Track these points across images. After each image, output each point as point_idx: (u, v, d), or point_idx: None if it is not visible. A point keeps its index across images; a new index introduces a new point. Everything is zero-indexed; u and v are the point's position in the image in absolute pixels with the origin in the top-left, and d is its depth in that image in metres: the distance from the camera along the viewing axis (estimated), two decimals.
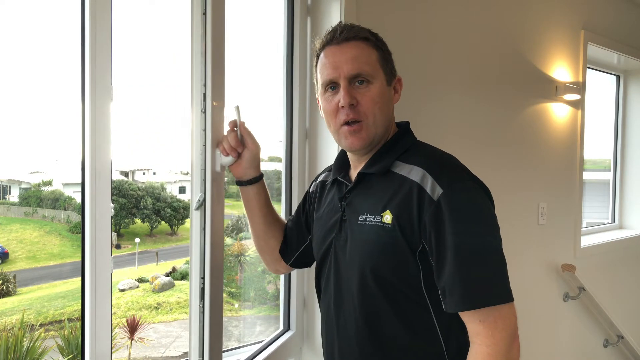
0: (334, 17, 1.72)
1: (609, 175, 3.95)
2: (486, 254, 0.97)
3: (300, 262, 1.37)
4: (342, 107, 1.05)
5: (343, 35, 1.06)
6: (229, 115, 1.26)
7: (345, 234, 1.10)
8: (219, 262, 1.23)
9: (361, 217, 1.06)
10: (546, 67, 2.78)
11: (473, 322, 0.97)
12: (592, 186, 4.35)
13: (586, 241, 3.23)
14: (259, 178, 1.28)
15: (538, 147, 2.77)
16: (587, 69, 3.12)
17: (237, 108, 1.24)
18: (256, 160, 1.26)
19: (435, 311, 1.03)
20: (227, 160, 1.21)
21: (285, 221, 1.42)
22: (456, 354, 1.03)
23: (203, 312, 1.21)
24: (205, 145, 1.19)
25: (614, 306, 3.26)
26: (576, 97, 2.92)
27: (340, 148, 1.23)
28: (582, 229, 3.15)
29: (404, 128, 1.14)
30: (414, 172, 1.02)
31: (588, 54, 3.10)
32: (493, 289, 0.96)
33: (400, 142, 1.10)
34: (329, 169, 1.28)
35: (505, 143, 2.53)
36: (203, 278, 1.21)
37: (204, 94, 1.18)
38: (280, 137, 1.77)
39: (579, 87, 2.96)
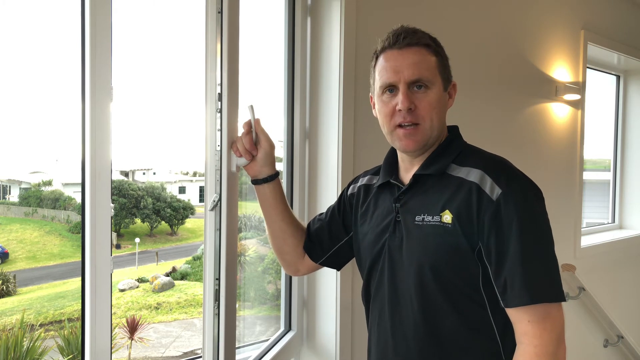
0: (334, 17, 1.72)
1: (609, 175, 3.96)
2: (543, 252, 1.02)
3: (332, 262, 1.37)
4: (400, 110, 1.08)
5: (406, 40, 1.08)
6: (242, 115, 1.26)
7: (401, 235, 1.12)
8: (233, 262, 1.23)
9: (418, 218, 1.09)
10: (546, 67, 2.78)
11: (522, 321, 1.00)
12: (592, 186, 4.35)
13: (586, 241, 3.23)
14: (274, 176, 1.28)
15: (538, 147, 2.77)
16: (587, 69, 3.12)
17: (252, 107, 1.24)
18: (270, 158, 1.26)
19: (492, 310, 1.05)
20: (243, 160, 1.21)
21: (299, 220, 1.41)
22: (512, 354, 1.04)
23: (218, 314, 1.21)
24: (220, 146, 1.19)
25: (614, 306, 3.26)
26: (576, 97, 2.92)
27: (387, 152, 1.24)
28: (582, 229, 3.16)
29: (454, 132, 1.18)
30: (472, 174, 1.05)
31: (588, 54, 3.10)
32: (550, 286, 1.01)
33: (453, 145, 1.14)
34: (372, 171, 1.29)
35: (505, 143, 2.53)
36: (218, 279, 1.20)
37: (219, 94, 1.18)
38: (280, 137, 1.77)
39: (579, 87, 2.96)
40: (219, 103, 1.18)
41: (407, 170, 1.17)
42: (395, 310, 1.14)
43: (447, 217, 1.05)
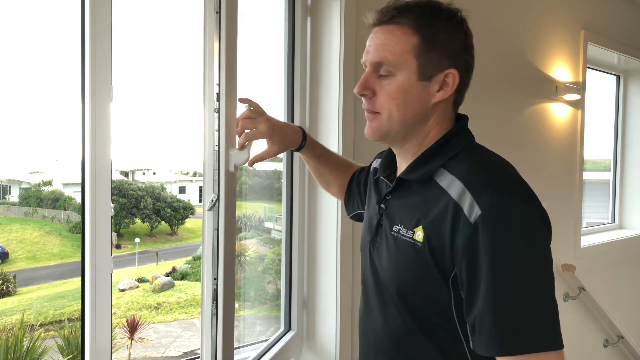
0: (334, 17, 1.72)
1: (609, 175, 3.96)
2: (525, 291, 0.82)
3: (359, 220, 1.30)
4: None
5: (384, 17, 0.94)
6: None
7: (381, 241, 1.01)
8: (231, 262, 1.23)
9: (395, 228, 0.96)
10: (546, 67, 2.78)
11: None
12: (592, 186, 4.35)
13: (586, 241, 3.23)
14: (302, 145, 1.28)
15: (538, 147, 2.77)
16: (587, 69, 3.12)
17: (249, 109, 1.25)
18: (279, 150, 1.22)
19: (468, 342, 0.89)
20: (241, 160, 1.21)
21: (350, 164, 1.39)
22: None
23: (216, 314, 1.21)
24: (218, 146, 1.19)
25: (614, 306, 3.26)
26: (576, 97, 2.92)
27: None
28: (582, 229, 3.16)
29: (457, 127, 0.99)
30: (453, 186, 0.88)
31: (588, 54, 3.10)
32: (530, 333, 0.81)
33: (449, 145, 0.96)
34: (381, 155, 1.16)
35: (505, 143, 2.53)
36: (216, 279, 1.21)
37: (218, 94, 1.18)
38: None
39: (579, 87, 2.96)
40: (217, 103, 1.19)
41: (401, 166, 1.03)
42: (368, 319, 1.06)
43: (419, 234, 0.90)
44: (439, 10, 0.94)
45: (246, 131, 1.19)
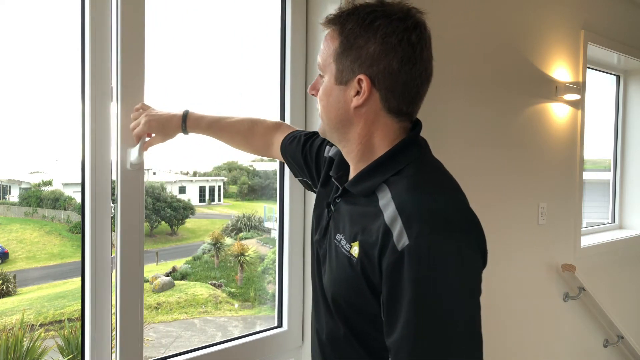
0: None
1: (609, 175, 3.96)
2: (444, 331, 0.79)
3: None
4: None
5: (327, 20, 0.96)
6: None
7: (326, 245, 0.99)
8: (130, 253, 1.29)
9: (338, 237, 0.95)
10: (546, 67, 2.78)
11: None
12: (592, 186, 4.35)
13: (586, 241, 3.23)
14: (184, 129, 1.30)
15: (538, 147, 2.77)
16: (587, 69, 3.11)
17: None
18: (161, 129, 1.26)
19: None
20: (135, 158, 1.25)
21: (253, 125, 1.35)
22: None
23: (117, 314, 1.28)
24: (117, 145, 1.25)
25: (614, 306, 3.26)
26: (576, 97, 2.92)
27: None
28: (582, 229, 3.15)
29: (408, 138, 0.93)
30: (388, 208, 0.85)
31: (588, 54, 3.10)
32: None
33: (395, 159, 0.91)
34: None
35: (505, 143, 2.53)
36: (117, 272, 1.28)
37: (117, 95, 1.24)
38: None
39: (579, 87, 2.96)
40: (117, 104, 1.24)
41: (350, 169, 1.00)
42: (316, 318, 1.04)
43: (355, 249, 0.89)
44: (365, 13, 0.89)
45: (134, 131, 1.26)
